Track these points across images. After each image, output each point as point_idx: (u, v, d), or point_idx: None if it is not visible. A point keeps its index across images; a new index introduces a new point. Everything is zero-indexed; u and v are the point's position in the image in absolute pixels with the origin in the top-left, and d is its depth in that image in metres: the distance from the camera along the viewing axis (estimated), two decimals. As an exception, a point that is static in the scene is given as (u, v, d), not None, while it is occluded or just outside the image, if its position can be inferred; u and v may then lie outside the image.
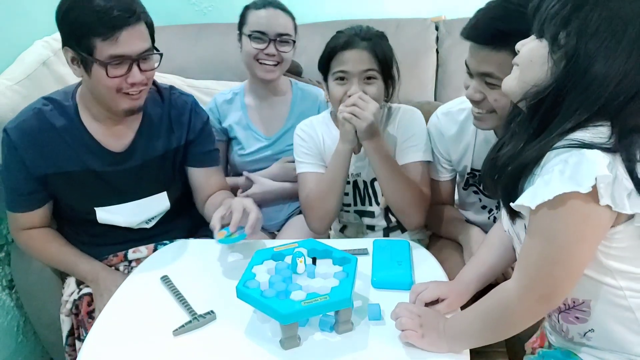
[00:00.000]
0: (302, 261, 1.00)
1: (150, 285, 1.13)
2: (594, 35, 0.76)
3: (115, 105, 1.23)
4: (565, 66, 0.78)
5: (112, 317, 1.05)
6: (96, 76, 1.17)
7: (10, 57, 1.63)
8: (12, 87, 1.53)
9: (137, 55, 1.18)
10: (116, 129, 1.31)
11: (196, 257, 1.25)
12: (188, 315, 1.02)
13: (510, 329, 0.87)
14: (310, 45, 1.65)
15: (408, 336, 0.92)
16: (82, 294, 1.33)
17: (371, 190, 1.41)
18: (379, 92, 1.27)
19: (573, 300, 0.88)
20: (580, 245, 0.78)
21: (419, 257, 1.20)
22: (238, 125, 1.69)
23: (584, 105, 0.77)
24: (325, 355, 0.92)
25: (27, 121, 1.27)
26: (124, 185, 1.34)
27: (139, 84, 1.20)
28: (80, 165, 1.29)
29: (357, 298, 1.04)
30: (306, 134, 1.41)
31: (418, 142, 1.35)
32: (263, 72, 1.59)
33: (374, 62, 1.25)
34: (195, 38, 2.11)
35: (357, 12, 2.19)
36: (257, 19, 1.57)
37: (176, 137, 1.38)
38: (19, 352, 1.65)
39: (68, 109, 1.28)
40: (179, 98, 1.41)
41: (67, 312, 1.34)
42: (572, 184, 0.73)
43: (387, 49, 1.29)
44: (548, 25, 0.80)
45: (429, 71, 2.01)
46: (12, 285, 1.61)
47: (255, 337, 0.96)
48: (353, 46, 1.24)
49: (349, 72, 1.25)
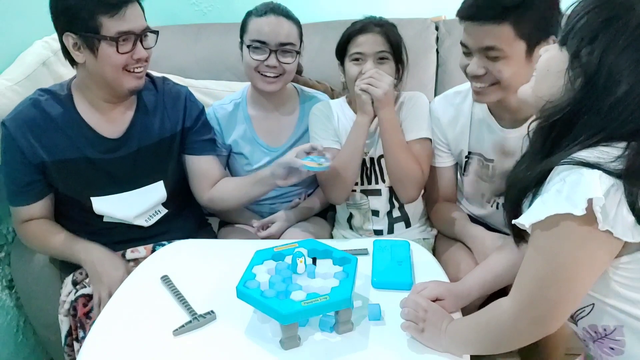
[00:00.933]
0: (302, 261, 1.00)
1: (150, 285, 1.13)
2: (623, 52, 0.73)
3: (120, 85, 1.27)
4: (584, 86, 0.75)
5: (112, 317, 1.05)
6: (104, 55, 1.21)
7: (10, 57, 1.63)
8: (12, 88, 1.53)
9: (140, 31, 1.24)
10: (112, 115, 1.34)
11: (196, 257, 1.25)
12: (188, 315, 1.02)
13: (505, 346, 0.86)
14: (310, 45, 1.64)
15: (407, 327, 0.93)
16: (78, 295, 1.32)
17: (377, 168, 1.46)
18: (391, 72, 1.38)
19: (604, 327, 0.83)
20: (576, 269, 0.74)
21: (419, 257, 1.20)
22: (243, 139, 1.56)
23: (601, 128, 0.74)
24: (325, 355, 0.92)
25: (24, 111, 1.30)
26: (120, 173, 1.36)
27: (142, 59, 1.26)
28: (76, 153, 1.31)
29: (357, 298, 1.04)
30: (322, 113, 1.48)
31: (421, 122, 1.43)
32: (263, 84, 1.46)
33: (387, 45, 1.37)
34: (195, 38, 2.10)
35: (357, 12, 2.18)
36: (257, 27, 1.43)
37: (171, 123, 1.41)
38: (19, 352, 1.65)
39: (63, 98, 1.32)
40: (173, 87, 1.46)
41: (65, 313, 1.34)
42: (566, 204, 0.70)
43: (398, 36, 1.41)
44: (572, 38, 0.77)
45: (429, 71, 2.01)
46: (12, 285, 1.61)
47: (255, 337, 0.96)
48: (368, 30, 1.37)
49: (364, 53, 1.36)
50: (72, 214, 1.40)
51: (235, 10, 1.63)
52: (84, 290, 1.32)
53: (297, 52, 1.47)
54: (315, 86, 1.82)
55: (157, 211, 1.44)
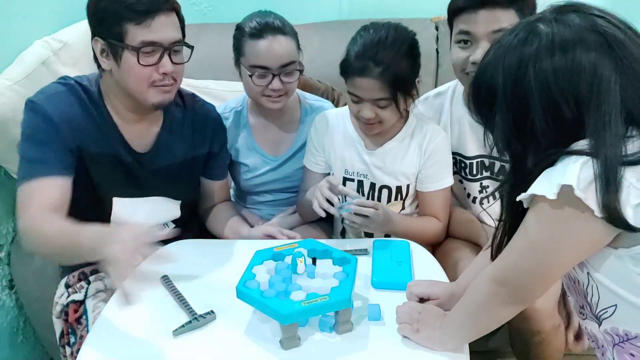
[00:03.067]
0: (302, 261, 1.00)
1: (150, 285, 1.13)
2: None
3: (144, 98, 1.19)
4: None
5: (112, 317, 1.05)
6: (126, 65, 1.14)
7: (9, 57, 1.63)
8: (12, 87, 1.52)
9: (169, 44, 1.15)
10: (137, 127, 1.27)
11: (196, 257, 1.25)
12: (188, 315, 1.02)
13: (485, 322, 0.88)
14: (310, 45, 1.64)
15: (403, 329, 0.94)
16: (69, 301, 1.29)
17: (376, 195, 1.41)
18: (392, 115, 1.27)
19: (625, 332, 0.82)
20: (555, 248, 0.77)
21: (419, 257, 1.20)
22: (243, 148, 1.56)
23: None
24: (325, 355, 0.92)
25: (61, 94, 1.20)
26: (146, 182, 1.30)
27: (170, 74, 1.17)
28: (109, 150, 1.24)
29: (357, 298, 1.04)
30: (316, 130, 1.44)
31: (446, 171, 1.37)
32: (269, 104, 1.43)
33: (387, 90, 1.22)
34: (195, 38, 2.08)
35: (357, 12, 2.19)
36: (255, 51, 1.37)
37: (197, 145, 1.35)
38: (19, 352, 1.65)
39: (94, 95, 1.23)
40: (203, 106, 1.39)
41: (57, 314, 1.32)
42: (544, 186, 0.73)
43: (406, 69, 1.24)
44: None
45: (429, 71, 2.01)
46: (12, 285, 1.61)
47: (255, 337, 0.96)
48: (365, 74, 1.21)
49: (362, 98, 1.25)
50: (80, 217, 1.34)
51: (235, 10, 1.63)
52: (75, 295, 1.30)
53: (299, 71, 1.42)
54: (316, 85, 1.82)
55: (166, 225, 1.41)
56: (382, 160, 1.37)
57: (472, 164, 1.41)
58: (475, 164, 1.41)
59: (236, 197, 1.70)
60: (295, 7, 1.55)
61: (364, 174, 1.39)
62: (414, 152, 1.35)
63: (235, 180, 1.63)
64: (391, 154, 1.36)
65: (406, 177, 1.37)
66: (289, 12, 1.52)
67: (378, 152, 1.37)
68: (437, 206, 1.37)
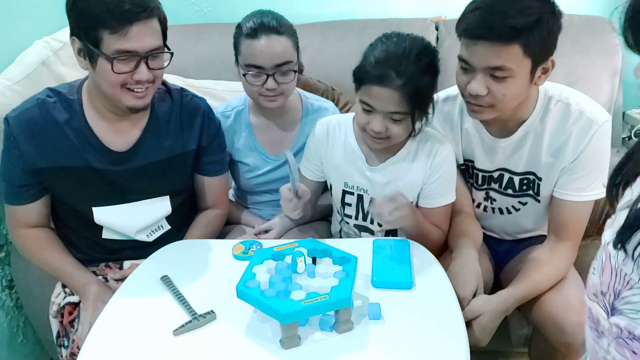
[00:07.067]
0: (302, 261, 1.00)
1: (150, 285, 1.13)
2: None
3: (118, 101, 1.18)
4: None
5: (112, 317, 1.05)
6: (101, 70, 1.12)
7: (9, 57, 1.63)
8: (12, 87, 1.53)
9: (146, 52, 1.13)
10: (120, 126, 1.26)
11: (196, 257, 1.25)
12: (188, 315, 1.02)
13: None
14: (311, 45, 1.64)
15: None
16: (65, 303, 1.29)
17: None
18: (403, 132, 1.21)
19: (629, 330, 0.73)
20: None
21: (419, 257, 1.20)
22: (244, 147, 1.55)
23: None
24: (325, 354, 0.92)
25: (29, 111, 1.22)
26: (124, 185, 1.29)
27: (145, 81, 1.16)
28: (81, 162, 1.24)
29: (357, 298, 1.04)
30: (315, 139, 1.39)
31: (450, 187, 1.32)
32: (266, 103, 1.42)
33: (405, 104, 1.14)
34: (195, 38, 2.10)
35: (357, 12, 2.19)
36: (250, 51, 1.35)
37: (186, 140, 1.34)
38: (19, 351, 1.65)
39: (72, 103, 1.23)
40: (192, 101, 1.36)
41: (54, 314, 1.32)
42: None
43: (428, 85, 1.18)
44: None
45: (429, 71, 2.01)
46: (12, 285, 1.61)
47: (255, 337, 0.96)
48: (384, 83, 1.12)
49: (375, 109, 1.17)
50: (71, 224, 1.35)
51: (235, 10, 1.63)
52: (71, 298, 1.30)
53: (294, 71, 1.39)
54: (316, 85, 1.82)
55: (160, 226, 1.39)
56: (384, 176, 1.31)
57: (477, 174, 1.38)
58: (482, 176, 1.38)
59: (237, 197, 1.70)
60: (295, 7, 1.55)
61: (364, 189, 1.35)
62: (419, 168, 1.29)
63: (236, 180, 1.63)
64: (395, 171, 1.31)
65: (409, 193, 1.31)
66: (289, 12, 1.51)
67: (380, 169, 1.31)
68: (439, 219, 1.34)
